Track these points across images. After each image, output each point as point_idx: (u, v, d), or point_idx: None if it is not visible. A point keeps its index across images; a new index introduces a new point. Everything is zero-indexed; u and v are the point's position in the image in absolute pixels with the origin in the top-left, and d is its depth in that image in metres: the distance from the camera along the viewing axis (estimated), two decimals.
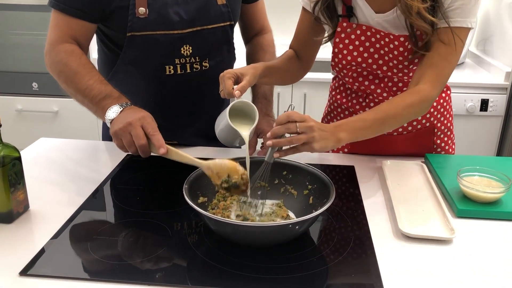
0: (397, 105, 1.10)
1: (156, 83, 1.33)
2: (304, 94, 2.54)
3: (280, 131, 1.00)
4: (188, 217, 1.04)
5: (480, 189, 1.06)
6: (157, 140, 1.06)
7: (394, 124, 1.13)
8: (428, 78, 1.12)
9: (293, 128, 0.99)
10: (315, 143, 1.00)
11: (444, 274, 0.88)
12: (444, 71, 1.13)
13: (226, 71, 1.09)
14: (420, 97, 1.10)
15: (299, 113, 1.01)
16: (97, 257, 0.91)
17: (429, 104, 1.13)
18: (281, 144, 1.00)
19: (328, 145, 1.02)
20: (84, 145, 1.45)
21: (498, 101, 2.41)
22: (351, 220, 1.04)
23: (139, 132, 1.06)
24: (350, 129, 1.06)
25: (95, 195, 1.14)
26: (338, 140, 1.04)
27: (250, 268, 0.88)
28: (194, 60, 1.33)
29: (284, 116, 1.00)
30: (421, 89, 1.11)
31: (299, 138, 1.00)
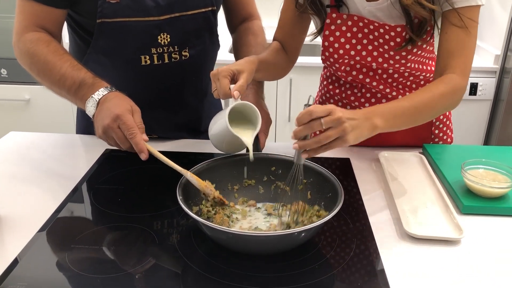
0: (431, 93, 1.02)
1: (131, 74, 1.22)
2: (290, 80, 2.45)
3: (303, 133, 0.87)
4: (176, 221, 0.95)
5: (486, 183, 1.00)
6: (135, 145, 0.98)
7: (430, 114, 1.05)
8: (454, 67, 1.04)
9: (318, 126, 0.86)
10: (348, 135, 0.88)
11: (453, 276, 0.82)
12: (468, 58, 1.06)
13: (220, 69, 0.98)
14: (453, 86, 1.03)
15: (322, 106, 0.87)
16: (76, 269, 0.82)
17: (462, 95, 1.06)
18: (307, 146, 0.88)
19: (363, 134, 0.91)
20: (58, 139, 1.34)
21: (487, 84, 2.37)
22: (352, 219, 0.97)
23: (120, 136, 0.99)
24: (385, 116, 0.95)
25: (72, 196, 1.04)
26: (374, 127, 0.93)
27: (250, 279, 0.80)
28: (172, 49, 1.22)
29: (305, 115, 0.86)
30: (452, 78, 1.04)
31: (327, 136, 0.87)
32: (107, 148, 1.27)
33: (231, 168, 1.02)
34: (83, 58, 1.22)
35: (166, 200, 1.01)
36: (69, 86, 1.08)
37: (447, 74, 1.05)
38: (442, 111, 1.10)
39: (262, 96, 1.24)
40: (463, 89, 1.06)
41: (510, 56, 2.30)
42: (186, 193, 0.91)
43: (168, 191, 0.93)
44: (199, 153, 1.24)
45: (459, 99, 1.07)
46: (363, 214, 0.99)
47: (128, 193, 1.07)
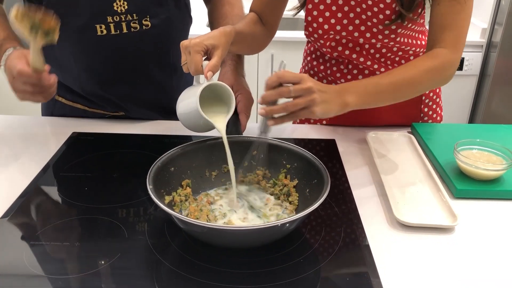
0: (415, 69, 0.95)
1: (86, 46, 1.11)
2: (272, 55, 2.36)
3: (272, 97, 0.83)
4: (148, 213, 0.87)
5: (480, 165, 0.94)
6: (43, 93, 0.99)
7: (411, 91, 0.98)
8: (446, 40, 0.97)
9: (287, 92, 0.82)
10: (316, 106, 0.84)
11: (446, 264, 0.77)
12: (461, 31, 0.98)
13: (192, 42, 0.87)
14: (442, 61, 0.96)
15: (293, 73, 0.84)
16: (34, 270, 0.73)
17: (453, 69, 0.98)
18: (275, 111, 0.84)
19: (332, 109, 0.87)
20: (20, 122, 1.23)
21: (474, 59, 2.31)
22: (338, 206, 0.90)
23: (29, 91, 0.99)
24: (359, 92, 0.90)
25: (34, 186, 0.95)
26: (345, 104, 0.89)
27: (228, 276, 0.73)
28: (131, 17, 1.11)
29: (274, 78, 0.83)
30: (441, 53, 0.96)
31: (296, 103, 0.83)
32: (74, 131, 1.18)
33: (208, 152, 0.93)
34: None
35: (137, 189, 0.93)
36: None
37: (436, 49, 0.98)
38: (430, 87, 1.03)
39: (242, 73, 1.15)
40: (454, 64, 0.99)
41: (497, 29, 2.24)
42: (157, 181, 0.83)
43: (139, 178, 0.85)
44: (174, 136, 1.15)
45: (449, 75, 1.00)
46: (350, 200, 0.93)
47: (96, 181, 0.98)
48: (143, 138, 1.16)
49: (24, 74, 0.95)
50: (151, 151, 1.05)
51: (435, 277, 0.74)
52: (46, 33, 0.91)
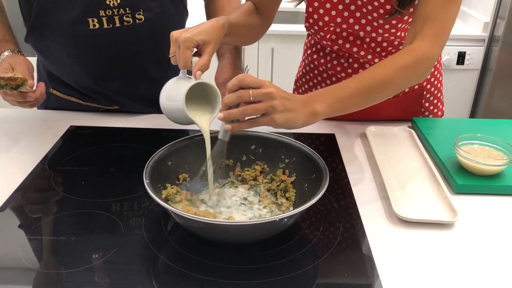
0: (386, 69, 0.89)
1: (79, 40, 1.10)
2: (272, 49, 2.34)
3: (231, 100, 0.79)
4: (145, 207, 0.87)
5: (481, 160, 0.93)
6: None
7: (385, 92, 0.91)
8: (426, 33, 0.91)
9: (246, 96, 0.78)
10: (276, 113, 0.79)
11: (446, 260, 0.76)
12: (444, 23, 0.92)
13: (183, 36, 0.85)
14: (416, 56, 0.90)
15: (254, 77, 0.80)
16: (30, 265, 0.73)
17: (429, 65, 0.93)
18: (233, 116, 0.79)
19: (298, 119, 0.81)
20: (15, 115, 1.22)
21: (475, 53, 2.29)
22: (337, 200, 0.89)
23: (15, 103, 1.05)
24: (328, 100, 0.85)
25: (30, 179, 0.94)
26: (313, 113, 0.83)
27: (225, 271, 0.72)
28: (123, 11, 1.09)
29: (234, 81, 0.79)
30: (417, 47, 0.91)
31: (254, 108, 0.79)
32: (71, 125, 1.17)
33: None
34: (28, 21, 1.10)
35: (134, 183, 0.92)
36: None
37: (414, 43, 0.92)
38: (403, 86, 0.97)
39: (240, 66, 1.13)
40: (431, 59, 0.92)
41: (500, 23, 2.22)
42: (154, 176, 0.82)
43: (136, 172, 0.84)
44: (171, 130, 1.14)
45: (424, 71, 0.94)
46: (349, 195, 0.92)
47: (92, 175, 0.97)
48: (140, 132, 1.15)
49: (8, 95, 1.00)
50: (149, 145, 1.04)
51: (435, 273, 0.73)
52: (15, 87, 0.99)
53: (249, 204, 0.87)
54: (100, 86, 1.17)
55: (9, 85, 0.96)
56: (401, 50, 0.93)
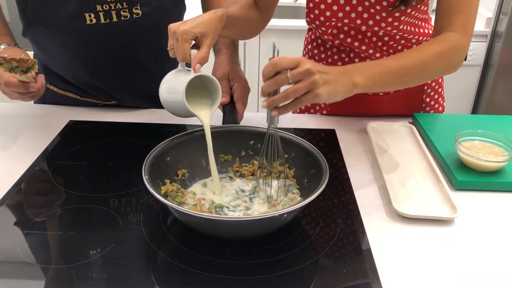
0: (424, 52, 0.90)
1: (76, 35, 1.09)
2: (273, 44, 2.32)
3: (270, 88, 0.78)
4: (143, 203, 0.86)
5: (482, 157, 0.92)
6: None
7: (421, 75, 0.93)
8: (456, 24, 0.93)
9: (284, 79, 0.77)
10: (319, 88, 0.77)
11: (445, 257, 0.76)
12: (470, 14, 0.94)
13: (181, 28, 0.84)
14: (452, 45, 0.91)
15: (289, 58, 0.78)
16: (27, 259, 0.73)
17: (463, 54, 0.94)
18: (276, 102, 0.78)
19: (339, 90, 0.80)
20: (14, 109, 1.22)
21: (478, 49, 2.28)
22: (337, 197, 0.89)
23: (17, 97, 1.02)
24: (368, 73, 0.85)
25: (29, 174, 0.94)
26: (353, 84, 0.82)
27: (224, 267, 0.72)
28: (120, 6, 1.08)
29: (269, 67, 0.77)
30: (451, 37, 0.92)
31: (296, 89, 0.77)
32: (70, 119, 1.16)
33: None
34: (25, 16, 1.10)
35: (133, 178, 0.92)
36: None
37: (445, 33, 0.94)
38: (439, 73, 0.99)
39: (237, 61, 1.13)
40: (464, 49, 0.95)
41: (503, 19, 2.21)
42: (153, 171, 0.82)
43: (135, 167, 0.84)
44: (171, 125, 1.13)
45: (459, 61, 0.96)
46: (349, 190, 0.91)
47: (91, 170, 0.97)
48: (140, 127, 1.15)
49: (10, 85, 0.97)
50: (148, 140, 1.04)
51: (434, 269, 0.73)
52: (26, 70, 0.95)
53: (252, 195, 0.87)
54: (98, 81, 1.17)
55: (20, 67, 0.94)
56: (436, 38, 0.95)
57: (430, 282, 0.71)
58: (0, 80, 0.97)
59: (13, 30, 1.16)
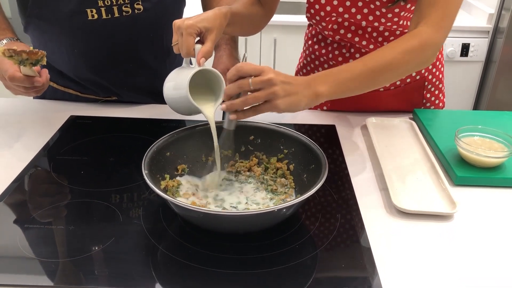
0: (391, 51, 0.89)
1: (78, 31, 1.09)
2: (274, 40, 2.33)
3: (232, 91, 0.79)
4: (143, 197, 0.87)
5: (482, 152, 0.92)
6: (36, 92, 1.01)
7: (389, 75, 0.91)
8: (430, 19, 0.91)
9: (246, 85, 0.78)
10: (278, 99, 0.79)
11: (444, 252, 0.76)
12: (448, 9, 0.92)
13: (186, 23, 0.85)
14: (421, 41, 0.89)
15: (253, 65, 0.79)
16: (27, 253, 0.73)
17: (434, 50, 0.92)
18: (235, 106, 0.80)
19: (300, 102, 0.81)
20: (14, 105, 1.23)
21: (480, 45, 2.27)
22: (336, 192, 0.89)
23: (20, 92, 1.01)
24: (331, 82, 0.84)
25: (30, 169, 0.95)
26: (316, 95, 0.83)
27: (224, 261, 0.72)
28: (122, 1, 1.08)
29: (233, 71, 0.79)
30: (422, 32, 0.90)
31: (255, 97, 0.79)
32: (71, 114, 1.17)
33: (204, 137, 0.92)
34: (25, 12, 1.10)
35: (133, 173, 0.92)
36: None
37: (418, 28, 0.92)
38: (409, 70, 0.96)
39: (237, 56, 1.13)
40: (435, 44, 0.92)
41: (505, 15, 2.20)
42: (153, 166, 0.82)
43: (135, 162, 0.85)
44: (172, 120, 1.14)
45: (429, 56, 0.93)
46: (348, 186, 0.91)
47: (91, 165, 0.97)
48: (140, 122, 1.15)
49: (15, 79, 0.95)
50: (149, 135, 1.04)
51: (433, 264, 0.73)
52: (35, 62, 0.95)
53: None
54: (99, 77, 1.17)
55: (29, 60, 0.93)
56: (406, 34, 0.93)
57: (428, 277, 0.71)
58: (5, 74, 0.96)
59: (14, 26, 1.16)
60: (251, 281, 0.69)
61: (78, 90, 1.22)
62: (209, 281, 0.69)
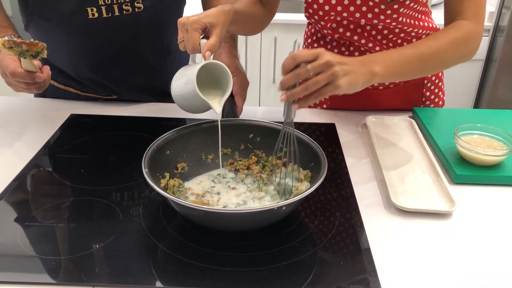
0: (440, 40, 0.91)
1: (78, 29, 1.10)
2: (275, 38, 2.33)
3: (290, 81, 0.78)
4: (143, 195, 0.87)
5: (481, 151, 0.92)
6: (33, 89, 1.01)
7: (438, 64, 0.94)
8: (468, 12, 0.93)
9: (304, 72, 0.77)
10: (339, 79, 0.78)
11: (444, 252, 0.76)
12: (480, 1, 0.94)
13: (190, 19, 0.85)
14: (466, 32, 0.92)
15: (307, 50, 0.79)
16: (28, 251, 0.74)
17: (478, 42, 0.95)
18: (296, 95, 0.79)
19: (359, 80, 0.81)
20: (15, 103, 1.23)
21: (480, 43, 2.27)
22: (336, 190, 0.90)
23: (21, 89, 1.00)
24: (386, 63, 0.86)
25: (30, 167, 0.95)
26: (372, 73, 0.83)
27: (224, 258, 0.73)
28: (122, 0, 1.09)
29: (289, 60, 0.78)
30: (465, 24, 0.92)
31: (316, 81, 0.78)
32: (71, 113, 1.17)
33: (204, 135, 0.92)
34: (26, 11, 1.10)
35: (133, 171, 0.92)
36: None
37: (457, 21, 0.94)
38: (455, 60, 0.97)
39: (236, 55, 1.13)
40: (478, 36, 0.95)
41: (505, 13, 2.20)
42: (153, 164, 0.82)
43: (135, 161, 0.84)
44: (172, 119, 1.14)
45: (474, 48, 0.97)
46: (348, 184, 0.92)
47: (92, 163, 0.98)
48: (140, 121, 1.15)
49: (17, 75, 0.95)
50: (149, 134, 1.05)
51: (432, 262, 0.74)
52: (35, 55, 0.94)
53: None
54: (99, 75, 1.17)
55: (30, 51, 0.93)
56: (449, 26, 0.96)
57: (427, 275, 0.71)
58: (6, 70, 0.96)
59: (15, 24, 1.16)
60: (250, 279, 0.69)
61: (79, 89, 1.23)
62: (208, 279, 0.69)
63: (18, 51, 0.92)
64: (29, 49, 0.92)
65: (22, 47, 0.91)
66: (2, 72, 0.98)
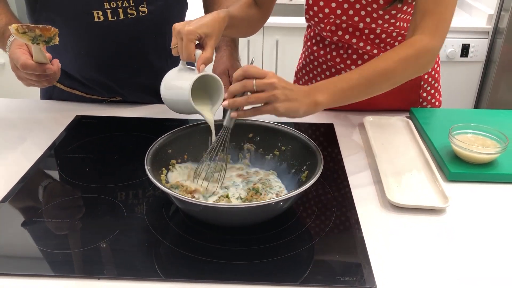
0: (388, 60, 0.92)
1: (84, 32, 1.13)
2: (276, 41, 2.36)
3: (236, 89, 0.83)
4: (147, 193, 0.90)
5: (474, 149, 0.95)
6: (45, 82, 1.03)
7: (386, 83, 0.94)
8: (425, 26, 0.93)
9: (250, 85, 0.82)
10: (278, 102, 0.83)
11: (437, 247, 0.78)
12: (443, 16, 0.94)
13: (186, 29, 0.87)
14: (417, 49, 0.92)
15: (259, 68, 0.84)
16: (35, 245, 0.77)
17: (430, 57, 0.95)
18: (237, 104, 0.84)
19: (300, 108, 0.85)
20: (22, 105, 1.26)
21: (479, 46, 2.30)
22: (333, 188, 0.92)
23: (32, 82, 1.03)
24: (330, 91, 0.88)
25: (37, 166, 0.98)
26: (315, 103, 0.87)
27: (223, 253, 0.76)
28: (127, 4, 1.12)
29: (240, 72, 0.83)
30: (418, 40, 0.93)
31: (257, 97, 0.83)
32: (77, 114, 1.20)
33: (205, 135, 0.95)
34: (34, 15, 1.14)
35: (137, 170, 0.95)
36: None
37: (414, 36, 0.94)
38: (406, 77, 0.97)
39: (237, 57, 1.17)
40: (432, 51, 0.94)
41: (504, 15, 2.22)
42: (155, 162, 0.85)
43: (139, 160, 0.87)
44: (174, 119, 1.17)
45: (426, 63, 0.96)
46: (345, 182, 0.94)
47: (96, 162, 1.01)
48: (144, 121, 1.18)
49: (28, 67, 0.96)
50: (152, 134, 1.07)
51: (425, 257, 0.76)
52: (48, 41, 0.95)
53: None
54: (104, 77, 1.21)
55: (43, 37, 0.92)
56: (403, 43, 0.96)
57: (420, 268, 0.74)
58: (17, 63, 0.97)
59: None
60: (250, 272, 0.72)
61: (84, 91, 1.26)
62: (209, 272, 0.72)
63: (31, 36, 0.92)
64: (42, 34, 0.93)
65: (35, 31, 0.92)
66: (13, 66, 1.01)
